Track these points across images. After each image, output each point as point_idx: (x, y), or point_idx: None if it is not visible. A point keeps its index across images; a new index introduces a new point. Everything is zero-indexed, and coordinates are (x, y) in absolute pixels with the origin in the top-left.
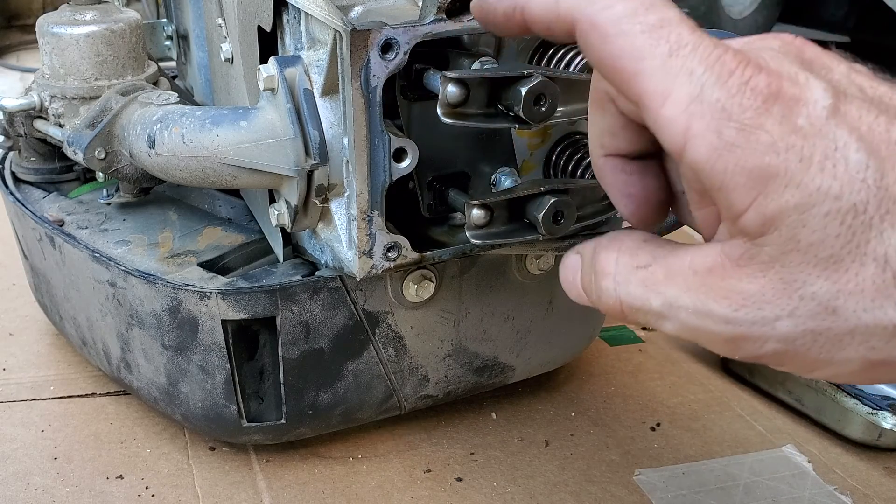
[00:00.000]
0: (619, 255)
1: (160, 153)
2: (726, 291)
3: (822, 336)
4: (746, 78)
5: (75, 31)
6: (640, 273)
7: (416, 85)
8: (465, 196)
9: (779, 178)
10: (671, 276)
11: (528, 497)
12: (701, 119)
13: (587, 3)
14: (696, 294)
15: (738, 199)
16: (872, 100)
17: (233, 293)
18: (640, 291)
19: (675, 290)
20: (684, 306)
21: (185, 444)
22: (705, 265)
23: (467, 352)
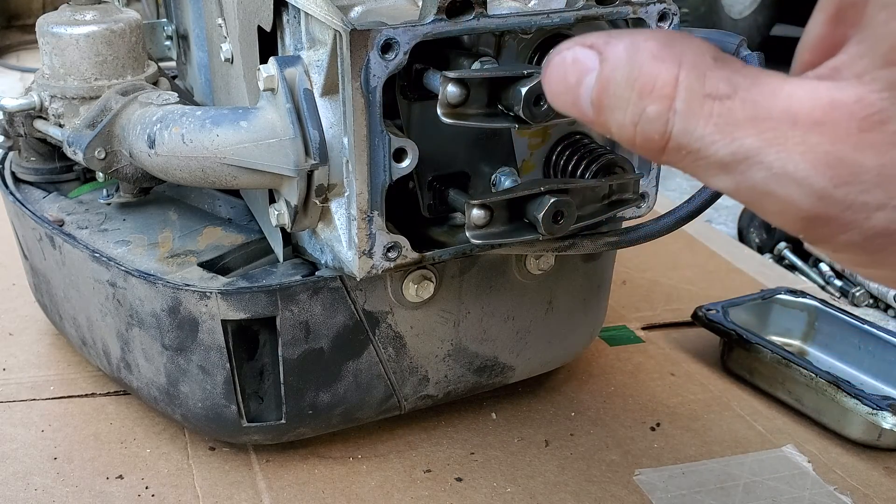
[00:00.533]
0: (681, 72)
1: (160, 153)
2: (833, 159)
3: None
4: None
5: (75, 31)
6: (711, 105)
7: (416, 85)
8: (465, 196)
9: None
10: (758, 119)
11: (528, 497)
12: None
13: None
14: (790, 152)
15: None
16: None
17: (233, 293)
18: (706, 130)
19: (759, 140)
20: (767, 164)
21: (185, 444)
22: (813, 115)
23: (467, 352)
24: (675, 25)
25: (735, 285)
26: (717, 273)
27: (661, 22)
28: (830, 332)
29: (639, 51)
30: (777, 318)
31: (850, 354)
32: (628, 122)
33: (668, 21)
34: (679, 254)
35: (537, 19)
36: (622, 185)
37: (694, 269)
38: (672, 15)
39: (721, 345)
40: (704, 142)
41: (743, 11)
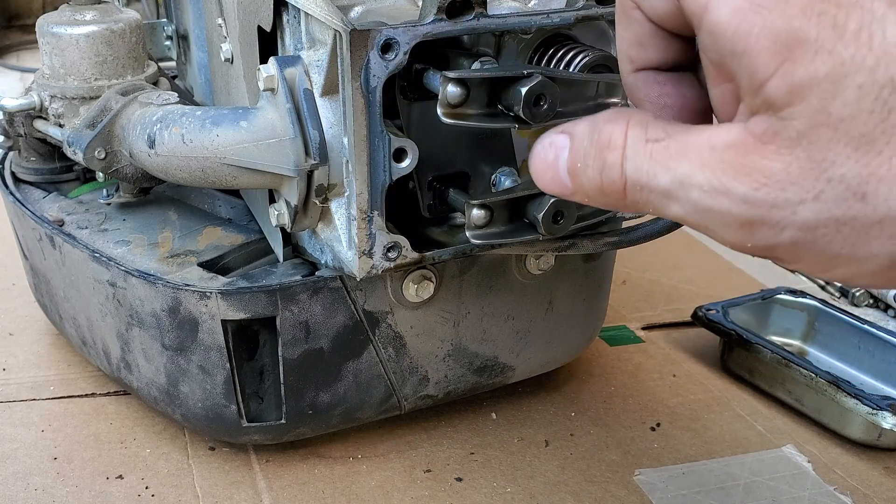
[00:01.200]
0: (629, 128)
1: (160, 153)
2: (747, 169)
3: (847, 226)
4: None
5: (75, 31)
6: (651, 147)
7: (416, 85)
8: (465, 196)
9: (808, 43)
10: (686, 151)
11: (528, 497)
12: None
13: None
14: (713, 171)
15: (763, 63)
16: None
17: (233, 293)
18: (650, 166)
19: (689, 167)
20: (698, 184)
21: (185, 444)
22: (725, 141)
23: (467, 352)
24: None
25: (735, 285)
26: (717, 273)
27: None
28: (830, 332)
29: (597, 121)
30: (777, 318)
31: (850, 354)
32: (594, 174)
33: None
34: (679, 254)
35: (537, 19)
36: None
37: (694, 269)
38: None
39: (721, 345)
40: (650, 175)
41: None
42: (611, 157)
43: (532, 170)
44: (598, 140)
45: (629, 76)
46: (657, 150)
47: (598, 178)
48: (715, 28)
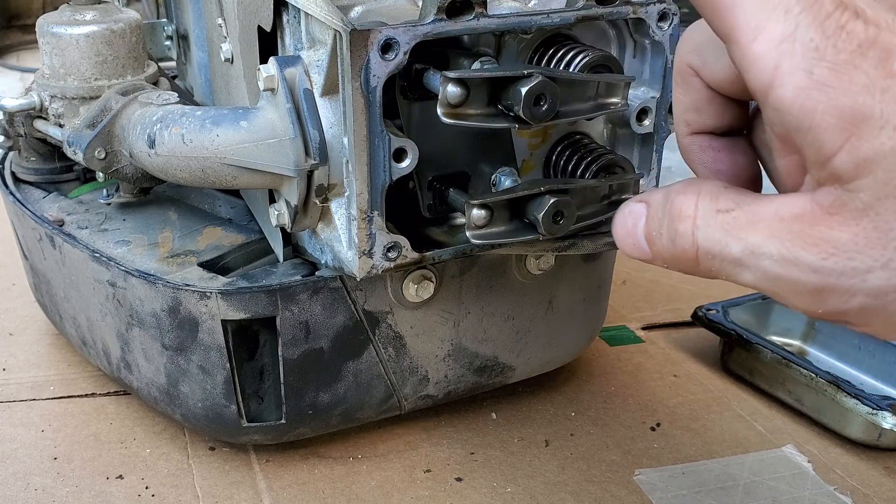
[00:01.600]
0: (699, 199)
1: (160, 153)
2: (815, 239)
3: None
4: (843, 22)
5: (75, 31)
6: (722, 217)
7: (416, 85)
8: (466, 196)
9: (874, 119)
10: (755, 222)
11: (528, 497)
12: (792, 57)
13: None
14: (782, 241)
15: (829, 140)
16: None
17: (233, 293)
18: (721, 236)
19: (759, 237)
20: (768, 253)
21: (185, 444)
22: (793, 212)
23: (467, 352)
24: (674, 25)
25: (735, 285)
26: None
27: (660, 22)
28: (830, 332)
29: (670, 192)
30: (777, 318)
31: (850, 354)
32: (668, 242)
33: (667, 21)
34: None
35: (537, 19)
36: (622, 185)
37: None
38: (672, 15)
39: (721, 345)
40: (722, 245)
41: None
42: (682, 227)
43: (614, 235)
44: (670, 210)
45: (684, 139)
46: (727, 220)
47: (672, 247)
48: (780, 105)
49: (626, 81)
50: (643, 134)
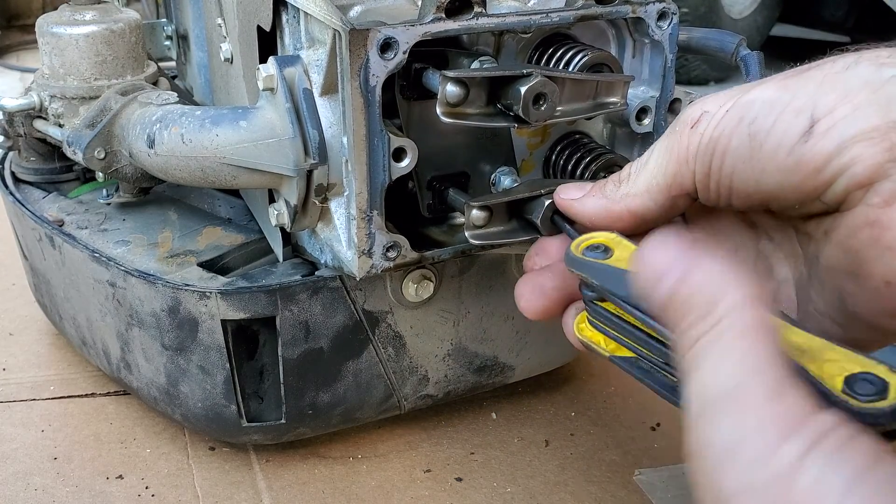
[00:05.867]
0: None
1: (160, 153)
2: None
3: None
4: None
5: (75, 31)
6: None
7: (416, 84)
8: (465, 196)
9: None
10: None
11: (528, 497)
12: None
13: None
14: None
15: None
16: None
17: (232, 293)
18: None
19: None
20: None
21: (185, 444)
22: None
23: (467, 351)
24: (674, 25)
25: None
26: None
27: (660, 21)
28: None
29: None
30: None
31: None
32: None
33: (667, 20)
34: None
35: (536, 18)
36: None
37: None
38: (671, 14)
39: None
40: None
41: (743, 11)
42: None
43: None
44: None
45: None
46: None
47: None
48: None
49: (626, 80)
50: (643, 133)
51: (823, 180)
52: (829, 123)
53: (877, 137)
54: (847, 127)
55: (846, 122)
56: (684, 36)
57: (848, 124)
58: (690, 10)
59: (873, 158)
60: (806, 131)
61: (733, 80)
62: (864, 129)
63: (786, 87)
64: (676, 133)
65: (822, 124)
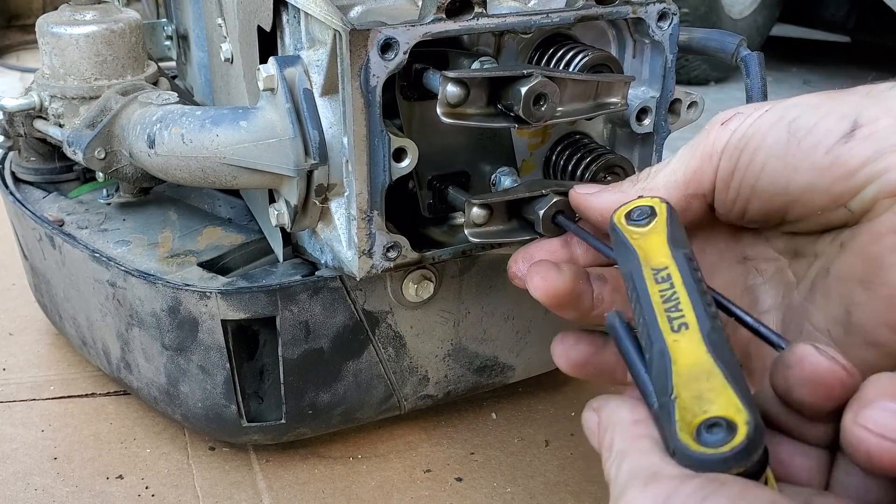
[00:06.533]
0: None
1: (160, 153)
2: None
3: None
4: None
5: (75, 31)
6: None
7: (416, 85)
8: (465, 195)
9: None
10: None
11: (528, 497)
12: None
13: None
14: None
15: None
16: None
17: (233, 293)
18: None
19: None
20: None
21: (185, 444)
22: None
23: (467, 352)
24: (674, 25)
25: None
26: None
27: (660, 21)
28: None
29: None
30: None
31: None
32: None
33: (667, 20)
34: None
35: (537, 19)
36: None
37: None
38: (671, 15)
39: None
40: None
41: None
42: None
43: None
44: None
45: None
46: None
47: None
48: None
49: (626, 81)
50: (643, 134)
51: (855, 184)
52: (871, 130)
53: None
54: (888, 136)
55: (887, 131)
56: (684, 36)
57: (889, 134)
58: (690, 11)
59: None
60: (847, 133)
61: (733, 81)
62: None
63: (831, 97)
64: (704, 131)
65: (865, 130)
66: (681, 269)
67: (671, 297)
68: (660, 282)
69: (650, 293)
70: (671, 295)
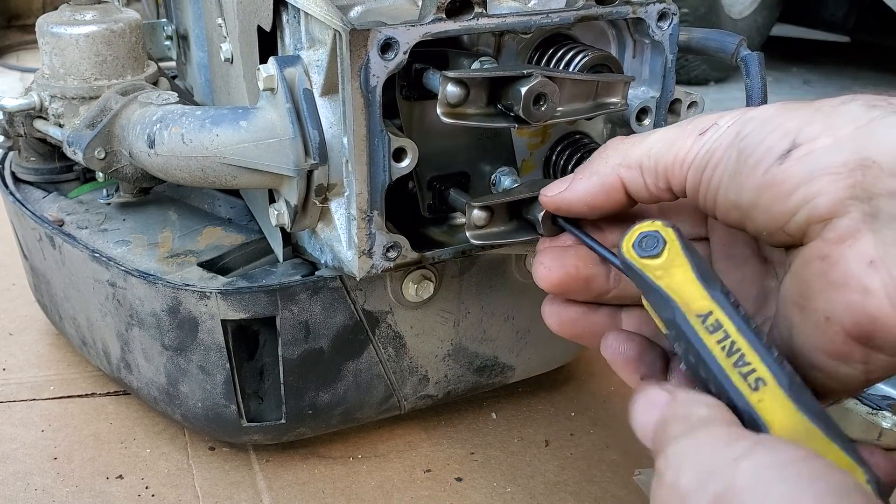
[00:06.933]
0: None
1: (160, 153)
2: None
3: None
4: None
5: (75, 31)
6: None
7: (416, 85)
8: (466, 196)
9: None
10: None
11: (528, 497)
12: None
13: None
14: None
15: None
16: None
17: (233, 293)
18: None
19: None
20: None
21: (185, 444)
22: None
23: (467, 352)
24: (674, 25)
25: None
26: None
27: (660, 21)
28: None
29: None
30: None
31: None
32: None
33: (667, 20)
34: None
35: (537, 19)
36: None
37: None
38: (671, 15)
39: None
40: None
41: (743, 11)
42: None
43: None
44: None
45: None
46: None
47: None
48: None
49: (626, 81)
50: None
51: (790, 207)
52: (807, 150)
53: (843, 173)
54: (821, 158)
55: (822, 152)
56: (684, 36)
57: (822, 155)
58: (690, 11)
59: (836, 194)
60: (784, 153)
61: (733, 81)
62: (835, 162)
63: (786, 109)
64: (686, 131)
65: (801, 150)
66: (727, 312)
67: (732, 348)
68: (712, 331)
69: (709, 347)
70: (731, 346)
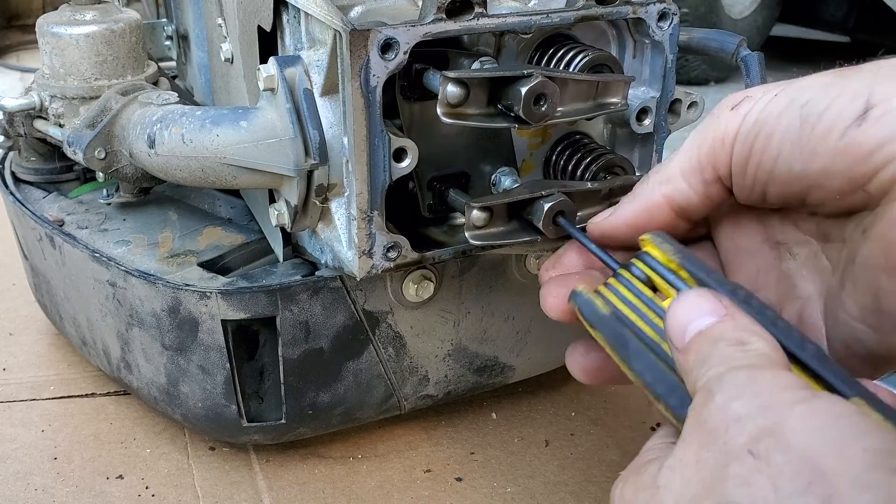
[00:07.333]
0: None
1: (160, 153)
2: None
3: None
4: None
5: (75, 31)
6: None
7: (416, 85)
8: (466, 196)
9: None
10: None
11: (528, 497)
12: None
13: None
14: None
15: None
16: None
17: (233, 293)
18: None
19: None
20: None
21: (185, 444)
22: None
23: (467, 352)
24: (674, 25)
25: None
26: None
27: (660, 21)
28: None
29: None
30: None
31: None
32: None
33: (667, 20)
34: None
35: (537, 19)
36: (622, 185)
37: None
38: (672, 15)
39: None
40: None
41: (743, 11)
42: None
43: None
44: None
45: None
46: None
47: None
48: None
49: (626, 81)
50: (643, 134)
51: (872, 166)
52: (885, 109)
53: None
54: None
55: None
56: (684, 36)
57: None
58: (690, 11)
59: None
60: (860, 115)
61: (733, 81)
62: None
63: (842, 75)
64: (713, 115)
65: (878, 110)
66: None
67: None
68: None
69: None
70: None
